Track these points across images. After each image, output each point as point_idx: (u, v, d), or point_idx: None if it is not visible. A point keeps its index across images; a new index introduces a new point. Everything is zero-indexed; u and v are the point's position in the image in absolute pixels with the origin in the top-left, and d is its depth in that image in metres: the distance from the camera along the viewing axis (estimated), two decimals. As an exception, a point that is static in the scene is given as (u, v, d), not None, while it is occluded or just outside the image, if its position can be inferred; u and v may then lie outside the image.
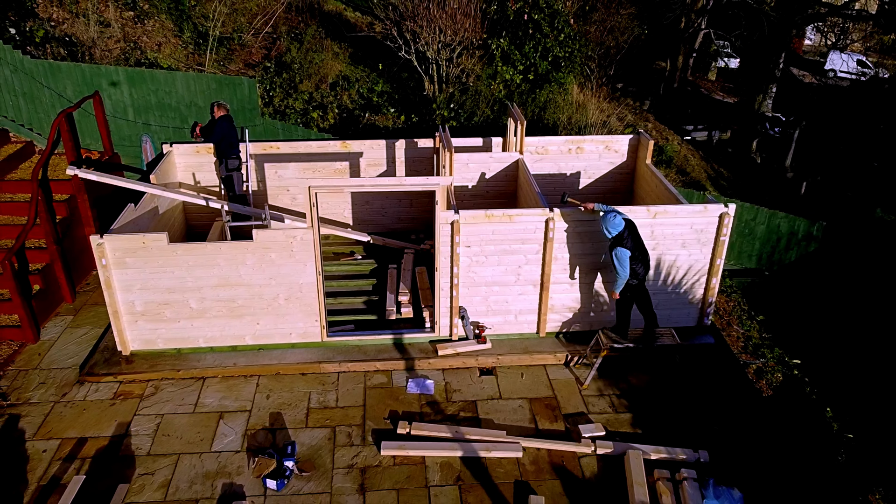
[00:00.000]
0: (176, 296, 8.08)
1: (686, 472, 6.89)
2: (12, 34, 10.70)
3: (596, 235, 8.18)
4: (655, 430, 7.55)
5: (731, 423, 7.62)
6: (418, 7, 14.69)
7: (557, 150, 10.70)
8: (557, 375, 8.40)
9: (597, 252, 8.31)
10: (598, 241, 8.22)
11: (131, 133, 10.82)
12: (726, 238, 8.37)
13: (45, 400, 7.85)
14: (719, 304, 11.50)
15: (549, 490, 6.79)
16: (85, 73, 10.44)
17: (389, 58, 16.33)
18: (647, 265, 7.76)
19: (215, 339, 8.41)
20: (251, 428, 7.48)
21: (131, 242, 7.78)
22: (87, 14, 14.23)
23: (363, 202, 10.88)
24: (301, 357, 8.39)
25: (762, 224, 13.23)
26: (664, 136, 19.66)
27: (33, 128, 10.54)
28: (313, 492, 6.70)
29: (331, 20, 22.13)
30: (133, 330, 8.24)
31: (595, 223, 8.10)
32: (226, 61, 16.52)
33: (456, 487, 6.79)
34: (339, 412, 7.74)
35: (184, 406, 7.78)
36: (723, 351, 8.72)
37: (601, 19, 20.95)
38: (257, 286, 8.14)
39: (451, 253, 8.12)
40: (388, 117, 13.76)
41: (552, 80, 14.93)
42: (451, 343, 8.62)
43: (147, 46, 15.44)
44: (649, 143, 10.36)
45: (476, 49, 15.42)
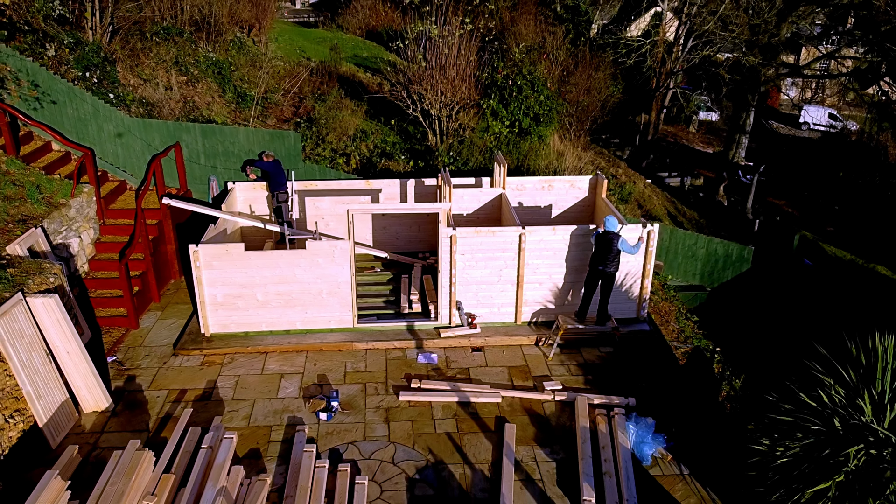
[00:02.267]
0: (246, 290, 10.98)
1: (618, 409, 9.67)
2: (111, 98, 13.82)
3: (556, 251, 11.11)
4: (599, 385, 10.34)
5: (653, 380, 10.42)
6: (424, 74, 17.92)
7: (533, 187, 13.73)
8: (529, 352, 11.22)
9: (557, 260, 11.23)
10: (558, 253, 11.14)
11: (201, 174, 13.84)
12: (654, 249, 11.30)
13: (151, 366, 10.65)
14: (662, 307, 14.33)
15: (520, 422, 9.54)
16: (169, 127, 13.54)
17: (399, 114, 19.52)
18: (616, 266, 10.64)
19: (273, 324, 11.26)
20: (304, 384, 10.26)
21: (217, 250, 10.72)
22: (155, 80, 17.49)
23: (381, 228, 13.85)
24: (338, 338, 11.23)
25: (702, 248, 16.18)
26: (632, 180, 22.78)
27: (126, 170, 13.57)
28: (352, 422, 9.47)
29: (346, 81, 25.54)
30: (214, 316, 11.10)
31: (553, 241, 11.05)
32: (262, 117, 19.72)
33: (453, 420, 9.56)
34: (368, 374, 10.55)
35: (254, 370, 10.59)
36: (655, 336, 11.56)
37: (579, 81, 24.35)
38: (307, 283, 11.03)
39: (449, 259, 11.05)
40: (399, 163, 16.82)
41: (533, 133, 18.07)
42: (450, 328, 11.46)
43: (200, 105, 18.67)
44: (604, 182, 13.39)
45: (471, 107, 18.59)
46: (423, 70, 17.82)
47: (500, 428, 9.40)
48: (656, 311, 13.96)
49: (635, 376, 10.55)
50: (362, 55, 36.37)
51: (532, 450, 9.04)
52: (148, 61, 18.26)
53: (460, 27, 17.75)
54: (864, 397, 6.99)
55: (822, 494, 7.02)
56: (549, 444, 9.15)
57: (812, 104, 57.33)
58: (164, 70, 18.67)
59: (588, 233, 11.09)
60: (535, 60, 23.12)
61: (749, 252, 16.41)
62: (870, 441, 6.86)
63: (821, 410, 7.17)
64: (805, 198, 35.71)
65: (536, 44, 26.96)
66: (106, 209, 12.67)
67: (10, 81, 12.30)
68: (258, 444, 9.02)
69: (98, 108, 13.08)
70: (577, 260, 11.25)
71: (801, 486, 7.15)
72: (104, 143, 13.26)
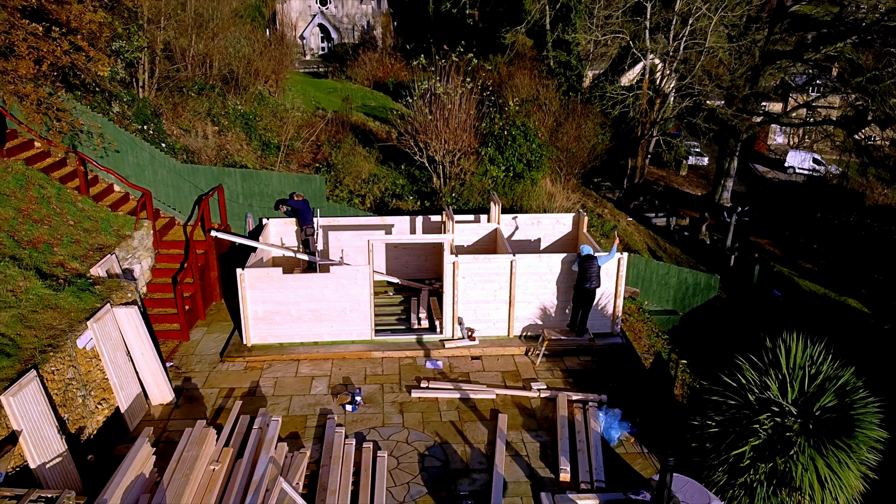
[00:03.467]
0: (282, 307, 13.12)
1: (591, 403, 11.71)
2: (163, 147, 16.18)
3: (542, 275, 13.29)
4: (577, 386, 12.39)
5: (623, 381, 12.47)
6: (429, 125, 20.35)
7: (524, 222, 15.97)
8: (520, 360, 13.29)
9: (542, 283, 13.39)
10: (544, 277, 13.31)
11: (239, 212, 16.11)
12: (623, 274, 13.48)
13: (203, 370, 12.74)
14: (637, 326, 16.39)
15: (510, 413, 11.58)
16: (214, 172, 15.88)
17: (407, 160, 21.91)
18: (599, 282, 12.79)
19: (305, 336, 13.37)
20: (332, 384, 12.33)
21: (259, 273, 12.91)
22: (194, 130, 19.95)
23: (393, 258, 16.06)
24: (359, 348, 13.33)
25: (674, 277, 18.31)
26: (616, 219, 25.05)
27: (175, 207, 15.85)
28: (373, 413, 11.51)
29: (357, 129, 28.10)
30: (255, 329, 13.23)
31: (539, 267, 13.24)
32: (285, 162, 22.13)
33: (456, 411, 11.60)
34: (384, 377, 12.61)
35: (289, 373, 12.66)
36: (626, 348, 13.64)
37: (570, 130, 26.86)
38: (333, 302, 13.18)
39: (452, 281, 13.22)
40: (408, 202, 19.10)
41: (526, 177, 20.38)
42: (453, 340, 13.56)
43: (232, 152, 21.10)
44: (585, 218, 15.64)
45: (471, 154, 20.95)
46: (429, 121, 20.25)
47: (494, 417, 11.43)
48: (631, 330, 16.04)
49: (608, 378, 12.61)
50: (370, 105, 39.16)
51: (520, 434, 11.06)
52: (186, 114, 20.80)
53: (462, 85, 20.26)
54: (770, 377, 9.07)
55: (742, 456, 9.03)
56: (535, 429, 11.18)
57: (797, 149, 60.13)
58: (199, 121, 21.21)
59: (570, 260, 13.28)
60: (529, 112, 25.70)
61: (716, 280, 18.58)
62: (776, 411, 8.92)
63: (738, 389, 9.25)
64: (786, 237, 37.98)
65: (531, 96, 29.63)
66: (160, 241, 14.90)
67: (84, 134, 14.66)
68: (296, 429, 11.06)
69: (154, 155, 15.45)
70: (559, 283, 13.41)
71: (726, 450, 9.18)
72: (157, 185, 15.57)
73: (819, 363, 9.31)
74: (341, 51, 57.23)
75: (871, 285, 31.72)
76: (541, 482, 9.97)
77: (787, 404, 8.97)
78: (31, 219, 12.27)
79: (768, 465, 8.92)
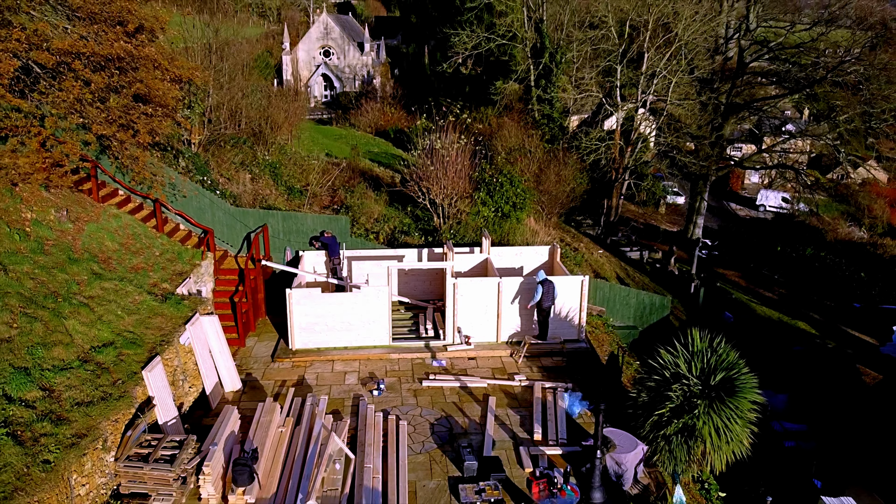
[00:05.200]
0: (320, 319, 16.82)
1: (560, 390, 15.38)
2: (218, 193, 20.04)
3: (522, 293, 17.07)
4: (550, 378, 16.07)
5: (585, 374, 16.18)
6: (431, 173, 24.30)
7: (509, 254, 19.81)
8: (506, 360, 16.98)
9: (522, 299, 17.16)
10: (523, 294, 17.09)
11: (280, 245, 19.92)
12: (586, 292, 17.29)
13: (259, 368, 16.37)
14: (602, 337, 20.07)
15: (498, 396, 15.24)
16: (260, 214, 19.70)
17: (411, 202, 25.83)
18: (554, 300, 16.56)
19: (337, 342, 17.04)
20: (361, 377, 15.98)
21: (303, 292, 16.66)
22: (235, 179, 23.87)
23: (404, 282, 19.82)
24: (379, 351, 17.00)
25: (633, 298, 22.05)
26: (591, 251, 28.97)
27: (228, 242, 19.64)
28: (394, 396, 15.14)
29: (365, 175, 32.11)
30: (298, 336, 16.90)
31: (518, 287, 17.04)
32: (308, 205, 26.02)
33: (457, 395, 15.25)
34: (401, 372, 16.28)
35: (327, 370, 16.31)
36: (589, 350, 17.37)
37: (551, 175, 30.95)
38: (359, 314, 16.89)
39: (453, 298, 16.98)
40: (414, 238, 22.94)
41: (512, 216, 24.26)
42: (453, 345, 17.26)
43: (264, 196, 24.98)
44: (558, 250, 19.51)
45: (466, 197, 24.88)
46: (430, 171, 24.24)
47: (486, 399, 15.08)
48: (597, 339, 19.74)
49: (573, 372, 16.32)
50: (374, 151, 43.32)
51: (505, 410, 14.73)
52: (225, 165, 24.79)
53: (458, 140, 24.32)
54: (680, 359, 12.82)
55: (662, 415, 12.71)
56: (516, 407, 14.84)
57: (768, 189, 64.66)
58: (235, 170, 25.17)
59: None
60: (515, 160, 29.85)
61: (668, 301, 22.33)
62: (684, 383, 12.64)
63: (659, 369, 12.98)
64: (751, 269, 42.01)
65: (518, 145, 33.86)
66: (219, 269, 18.65)
67: (159, 184, 18.50)
68: (337, 407, 14.69)
69: (213, 200, 19.31)
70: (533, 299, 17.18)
71: (651, 412, 12.86)
72: (214, 224, 19.38)
73: (716, 349, 13.07)
74: (345, 100, 61.69)
75: (823, 311, 35.64)
76: (520, 440, 13.62)
77: (692, 377, 12.70)
78: (130, 251, 16.02)
79: (680, 421, 12.59)
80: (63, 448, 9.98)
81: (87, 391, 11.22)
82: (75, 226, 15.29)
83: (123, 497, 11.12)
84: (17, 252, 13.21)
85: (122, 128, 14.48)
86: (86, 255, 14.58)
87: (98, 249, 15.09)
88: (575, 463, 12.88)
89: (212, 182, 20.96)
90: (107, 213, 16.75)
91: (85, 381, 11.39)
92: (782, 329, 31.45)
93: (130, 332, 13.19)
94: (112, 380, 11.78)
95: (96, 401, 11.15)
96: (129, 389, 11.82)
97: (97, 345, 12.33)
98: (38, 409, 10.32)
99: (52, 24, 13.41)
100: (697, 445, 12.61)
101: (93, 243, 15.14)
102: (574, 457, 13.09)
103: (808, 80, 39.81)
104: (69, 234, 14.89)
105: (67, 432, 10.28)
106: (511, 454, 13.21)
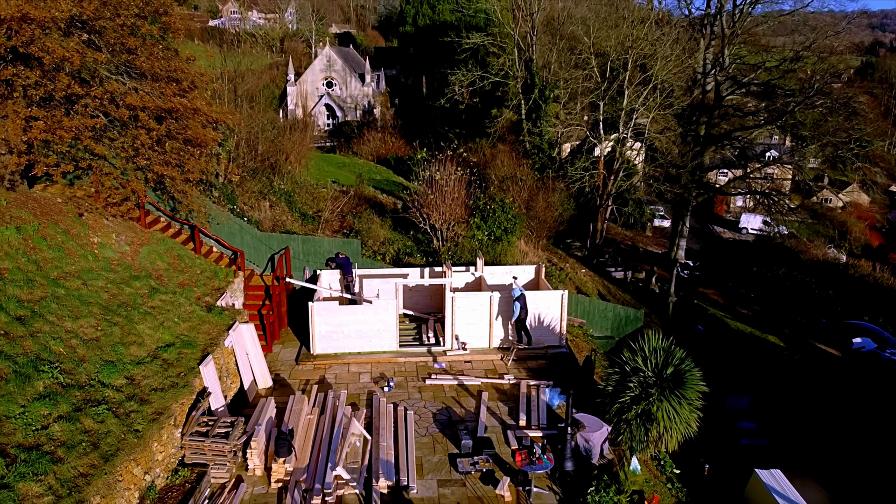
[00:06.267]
0: (338, 328, 19.62)
1: (543, 386, 18.15)
2: (245, 220, 22.90)
3: (510, 304, 19.91)
4: (534, 377, 18.85)
5: (564, 373, 18.96)
6: (431, 201, 27.26)
7: (500, 272, 22.68)
8: (497, 362, 19.77)
9: (510, 310, 19.99)
10: (511, 306, 19.93)
11: (299, 265, 22.75)
12: (566, 305, 20.14)
13: (285, 370, 19.12)
14: (582, 345, 22.83)
15: (490, 391, 18.00)
16: (283, 238, 22.55)
17: (413, 227, 28.74)
18: (526, 313, 19.38)
19: (352, 348, 19.81)
20: (373, 377, 18.74)
21: (323, 305, 19.48)
22: (257, 206, 26.80)
23: (408, 297, 22.64)
24: (388, 355, 19.77)
25: (611, 311, 24.84)
26: (575, 270, 31.87)
27: (254, 262, 22.47)
28: (402, 392, 17.90)
29: (370, 201, 35.08)
30: (319, 343, 19.68)
31: (507, 301, 19.89)
32: (320, 230, 28.91)
33: (455, 391, 18.02)
34: (407, 372, 19.05)
35: (343, 371, 19.07)
36: (569, 354, 20.16)
37: (540, 202, 33.96)
38: (371, 324, 19.69)
39: (451, 309, 19.81)
40: (416, 258, 25.81)
41: (504, 240, 27.17)
42: (452, 350, 20.04)
43: (283, 221, 27.88)
44: (542, 268, 22.39)
45: (462, 222, 27.80)
46: (430, 199, 27.19)
47: (479, 394, 17.84)
48: (577, 347, 22.54)
49: (554, 372, 19.11)
50: (376, 178, 46.33)
51: (496, 402, 17.49)
52: (246, 194, 27.75)
53: (455, 172, 27.32)
54: (637, 355, 15.64)
55: (623, 403, 15.48)
56: (505, 400, 17.61)
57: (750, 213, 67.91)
58: (255, 198, 28.11)
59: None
60: (508, 188, 32.85)
61: (641, 314, 25.17)
62: (641, 375, 15.44)
63: (621, 364, 15.79)
64: (729, 287, 44.92)
65: (510, 173, 36.91)
66: (248, 285, 21.47)
67: (203, 215, 21.32)
68: (354, 401, 17.43)
69: (242, 226, 22.20)
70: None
71: (616, 401, 15.65)
72: (243, 247, 22.23)
73: (668, 349, 15.91)
74: (347, 129, 64.96)
75: (793, 325, 38.49)
76: (507, 426, 16.38)
77: (647, 371, 15.51)
78: (176, 269, 18.85)
79: (639, 407, 15.37)
80: (147, 422, 12.73)
81: (158, 380, 13.99)
82: (131, 248, 18.14)
83: (187, 465, 13.84)
84: (91, 270, 16.05)
85: (176, 167, 17.39)
86: (143, 273, 17.41)
87: (152, 268, 17.92)
88: (552, 442, 15.64)
89: (240, 210, 23.87)
90: (154, 238, 19.61)
91: (156, 372, 14.17)
92: (750, 341, 34.27)
93: (186, 335, 15.99)
94: (176, 372, 14.56)
95: (167, 388, 13.92)
96: (189, 380, 14.59)
97: (162, 345, 15.13)
98: (125, 392, 13.09)
99: (122, 82, 16.36)
100: (653, 427, 15.38)
101: (147, 263, 17.98)
102: (552, 438, 15.84)
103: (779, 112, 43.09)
104: (128, 256, 17.74)
105: (149, 410, 13.04)
106: (500, 436, 15.97)
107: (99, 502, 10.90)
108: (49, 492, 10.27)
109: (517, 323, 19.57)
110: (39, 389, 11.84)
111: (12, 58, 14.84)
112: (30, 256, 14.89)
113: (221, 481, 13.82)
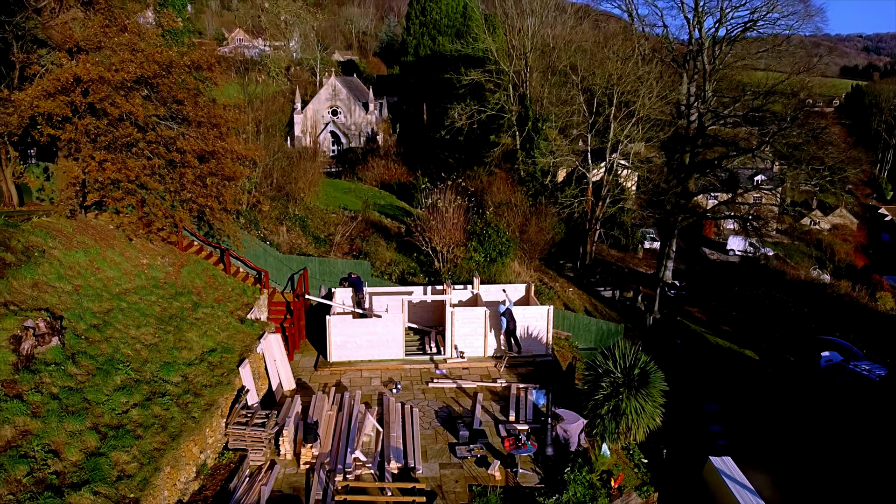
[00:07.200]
0: (352, 338, 22.40)
1: (531, 389, 20.90)
2: (268, 243, 25.74)
3: (502, 318, 22.71)
4: (524, 381, 21.60)
5: (549, 377, 21.71)
6: (432, 226, 30.17)
7: (494, 290, 25.51)
8: (491, 369, 22.53)
9: (500, 325, 22.79)
10: (503, 319, 22.74)
11: (316, 283, 25.60)
12: (551, 318, 22.95)
13: (305, 375, 21.88)
14: (566, 354, 25.54)
15: (484, 393, 20.75)
16: (301, 259, 25.41)
17: (416, 249, 31.65)
18: (514, 325, 22.18)
19: (364, 356, 22.57)
20: (383, 380, 21.49)
21: (338, 318, 22.30)
22: (275, 230, 29.73)
23: (412, 312, 25.44)
24: (396, 363, 22.54)
25: (594, 325, 27.60)
26: (564, 289, 34.69)
27: (276, 281, 25.32)
28: (408, 393, 20.65)
29: (375, 225, 38.03)
30: (335, 352, 22.45)
31: (498, 315, 22.70)
32: (332, 252, 31.79)
33: (454, 393, 20.78)
34: (412, 377, 21.80)
35: (356, 376, 21.83)
36: (554, 361, 22.93)
37: (533, 226, 36.90)
38: (381, 335, 22.48)
39: (451, 322, 22.62)
40: (419, 278, 28.64)
41: (499, 261, 30.02)
42: (451, 359, 22.81)
43: (299, 244, 30.78)
44: (532, 286, 25.23)
45: (460, 245, 30.71)
46: (432, 224, 30.12)
47: (475, 396, 20.59)
48: (563, 356, 25.27)
49: (541, 376, 21.87)
50: (381, 203, 49.33)
51: (490, 402, 20.25)
52: (267, 219, 30.69)
53: (454, 200, 30.28)
54: (608, 359, 18.41)
55: (597, 400, 18.22)
56: (497, 401, 20.36)
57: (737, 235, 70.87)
58: (272, 223, 31.06)
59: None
60: (503, 213, 35.80)
61: (622, 328, 27.95)
62: (612, 376, 18.20)
63: (595, 367, 18.56)
64: (712, 306, 47.72)
65: (506, 200, 39.90)
66: (270, 301, 24.29)
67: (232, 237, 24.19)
68: (367, 401, 20.17)
69: (266, 248, 25.08)
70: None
71: (591, 399, 18.40)
72: (266, 267, 25.09)
73: (635, 354, 18.69)
74: (352, 156, 68.15)
75: (770, 341, 41.22)
76: (499, 420, 19.13)
77: (617, 373, 18.28)
78: (212, 287, 21.69)
79: (610, 403, 18.11)
80: (202, 411, 15.50)
81: (207, 378, 16.78)
82: (174, 269, 21.01)
83: (231, 450, 16.57)
84: (144, 287, 18.90)
85: (215, 198, 20.31)
86: (185, 290, 20.26)
87: (192, 286, 20.77)
88: (536, 434, 18.37)
89: (262, 234, 26.77)
90: (191, 259, 22.48)
91: (205, 372, 16.95)
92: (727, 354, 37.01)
93: (225, 343, 18.79)
94: (220, 372, 17.34)
95: (214, 384, 16.70)
96: (231, 379, 17.37)
97: (206, 350, 17.92)
98: (181, 387, 15.87)
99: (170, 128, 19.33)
100: (623, 420, 18.12)
101: (188, 281, 20.83)
102: (536, 430, 18.58)
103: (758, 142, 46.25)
104: (172, 275, 20.60)
105: (202, 402, 15.81)
106: (492, 429, 18.71)
107: (169, 472, 13.64)
108: (134, 460, 13.03)
109: (506, 334, 22.36)
110: (117, 382, 14.63)
111: (86, 110, 17.83)
112: (96, 276, 17.76)
113: (258, 463, 16.55)
